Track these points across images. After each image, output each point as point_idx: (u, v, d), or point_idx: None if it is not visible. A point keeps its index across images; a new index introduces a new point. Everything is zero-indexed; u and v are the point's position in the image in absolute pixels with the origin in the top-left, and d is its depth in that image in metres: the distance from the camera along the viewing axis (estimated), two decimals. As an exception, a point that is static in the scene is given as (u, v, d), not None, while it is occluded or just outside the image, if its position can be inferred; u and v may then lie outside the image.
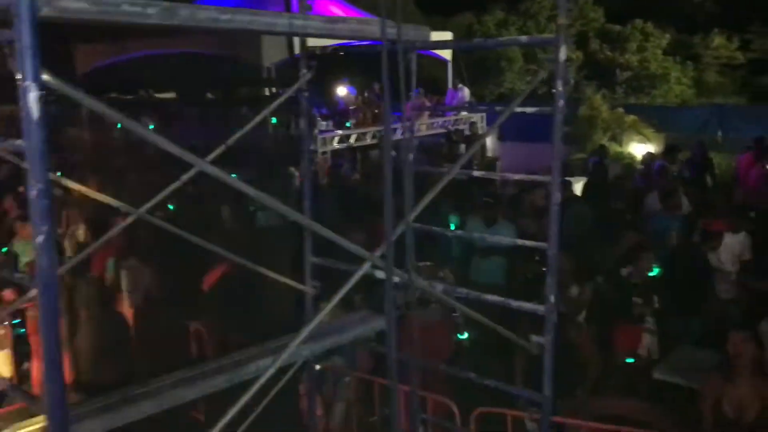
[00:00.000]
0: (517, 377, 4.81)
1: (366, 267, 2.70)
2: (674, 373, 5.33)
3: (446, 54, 17.01)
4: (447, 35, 16.86)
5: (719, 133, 16.74)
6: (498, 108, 13.44)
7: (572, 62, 25.44)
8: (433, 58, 17.20)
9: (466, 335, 5.84)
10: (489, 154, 17.75)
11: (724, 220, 7.05)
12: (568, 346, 4.72)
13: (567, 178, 10.16)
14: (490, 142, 18.30)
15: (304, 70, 3.26)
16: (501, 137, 18.66)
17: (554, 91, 3.00)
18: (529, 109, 3.27)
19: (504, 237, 5.57)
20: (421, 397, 4.17)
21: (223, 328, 5.61)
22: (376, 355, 4.96)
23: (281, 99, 3.45)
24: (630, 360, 5.82)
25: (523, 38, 3.27)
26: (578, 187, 11.03)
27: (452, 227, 7.59)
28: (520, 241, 3.67)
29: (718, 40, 26.67)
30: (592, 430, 4.04)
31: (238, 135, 3.20)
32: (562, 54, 2.95)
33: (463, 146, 14.97)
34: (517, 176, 4.28)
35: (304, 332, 2.58)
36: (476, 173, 5.76)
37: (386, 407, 4.62)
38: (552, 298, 3.11)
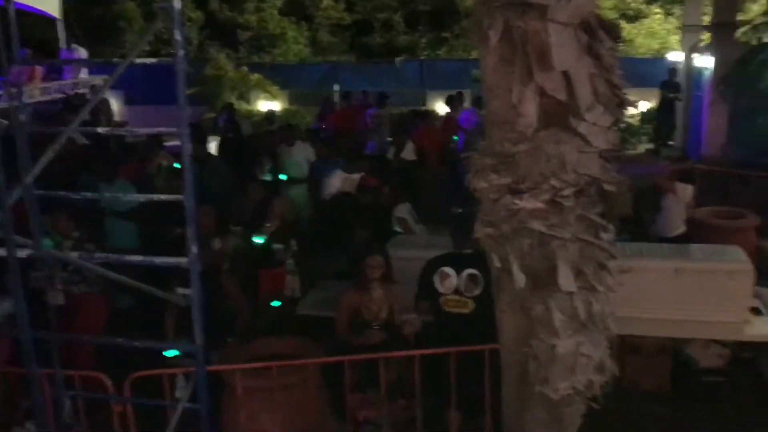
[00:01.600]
0: (169, 333, 4.79)
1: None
2: (315, 306, 5.83)
3: (55, 11, 15.47)
4: (50, -9, 15.32)
5: (336, 87, 18.25)
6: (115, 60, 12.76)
7: (193, 22, 25.19)
8: (39, 15, 15.52)
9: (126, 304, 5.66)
10: (116, 118, 16.84)
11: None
12: (218, 297, 4.85)
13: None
14: (116, 106, 17.34)
15: None
16: (128, 101, 17.82)
17: (173, 40, 2.97)
18: (148, 60, 3.19)
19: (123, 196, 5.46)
20: (68, 376, 3.90)
21: None
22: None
23: None
24: (276, 303, 6.20)
25: None
26: (213, 147, 11.16)
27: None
28: (142, 196, 3.60)
29: (326, 1, 28.73)
30: (245, 373, 4.22)
31: None
32: (177, 2, 2.93)
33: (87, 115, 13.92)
34: (144, 130, 4.17)
35: None
36: (101, 130, 5.40)
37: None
38: (194, 249, 3.15)
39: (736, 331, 5.58)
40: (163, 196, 3.38)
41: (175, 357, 4.60)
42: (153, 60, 3.24)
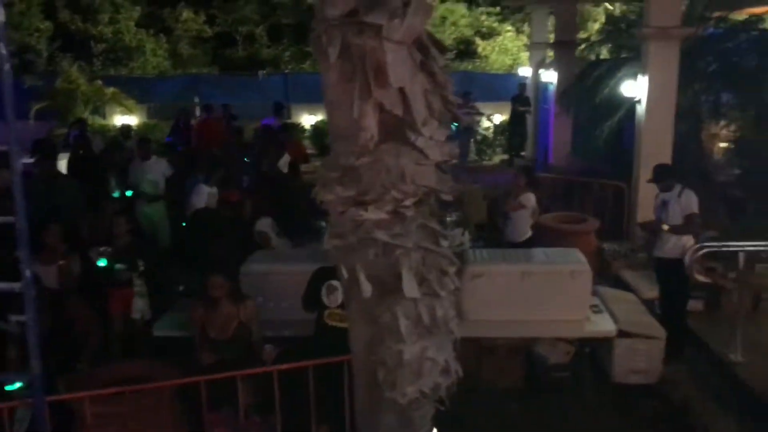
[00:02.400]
0: (10, 365, 4.50)
1: None
2: (172, 326, 5.68)
3: None
4: None
5: (196, 100, 17.85)
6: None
7: (42, 33, 23.81)
8: None
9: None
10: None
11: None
12: (64, 321, 4.62)
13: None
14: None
15: None
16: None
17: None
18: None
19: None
20: None
21: None
22: None
23: None
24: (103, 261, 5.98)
25: None
26: (64, 163, 10.58)
27: None
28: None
29: (186, 14, 28.06)
30: (94, 400, 4.04)
31: None
32: (1, 15, 2.80)
33: None
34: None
35: None
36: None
37: None
38: (27, 273, 3.00)
39: (578, 328, 6.00)
40: (-8, 219, 3.19)
41: (20, 389, 4.33)
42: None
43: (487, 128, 16.97)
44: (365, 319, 3.24)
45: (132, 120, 16.80)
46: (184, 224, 7.92)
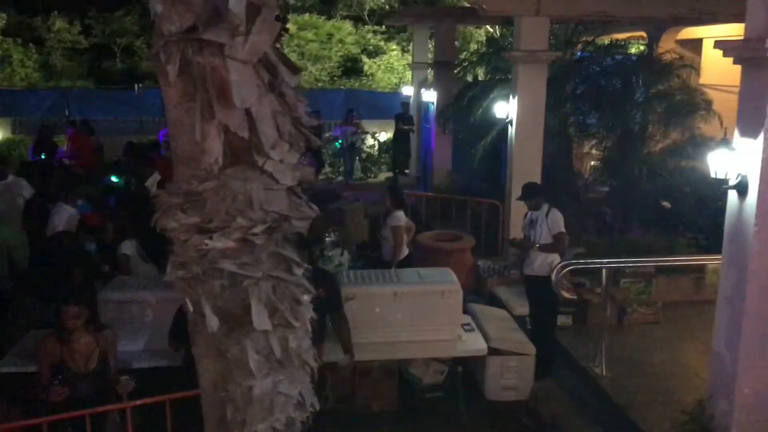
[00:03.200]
0: None
1: None
2: (19, 361, 5.23)
3: None
4: None
5: (68, 114, 16.93)
6: None
7: None
8: None
9: None
10: None
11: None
12: None
13: None
14: None
15: None
16: None
17: None
18: None
19: None
20: None
21: None
22: None
23: None
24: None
25: None
26: None
27: None
28: None
29: (59, 23, 26.67)
30: None
31: None
32: None
33: None
34: None
35: None
36: None
37: None
38: None
39: (450, 348, 6.01)
40: None
41: None
42: None
43: (372, 146, 17.03)
44: (213, 354, 3.05)
45: (-3, 134, 15.73)
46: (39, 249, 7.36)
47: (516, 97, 8.80)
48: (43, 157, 11.85)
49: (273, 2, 2.84)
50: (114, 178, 9.17)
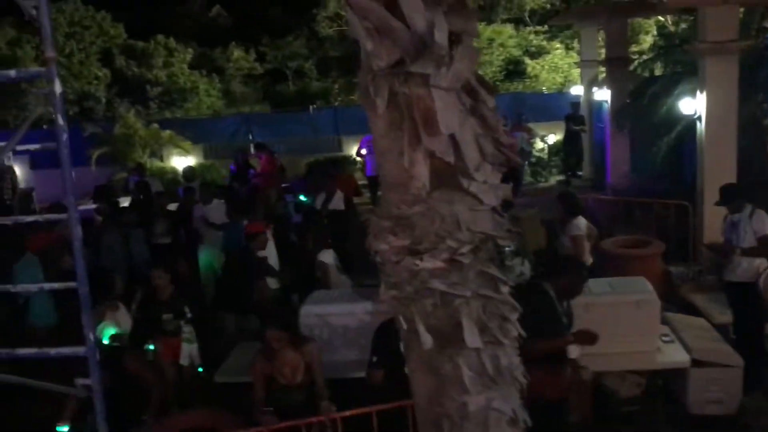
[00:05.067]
0: (65, 418, 4.55)
1: None
2: (235, 372, 5.68)
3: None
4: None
5: (250, 138, 18.18)
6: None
7: (101, 80, 24.74)
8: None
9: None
10: (22, 185, 16.25)
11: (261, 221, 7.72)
12: (122, 379, 4.69)
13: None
14: (20, 172, 16.75)
15: None
16: (34, 165, 17.23)
17: (56, 125, 2.89)
18: (31, 147, 3.08)
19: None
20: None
21: None
22: None
23: None
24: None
25: (12, 72, 3.10)
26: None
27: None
28: (45, 286, 3.46)
29: (237, 53, 28.78)
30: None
31: None
32: (57, 87, 2.86)
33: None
34: (30, 218, 4.00)
35: None
36: None
37: None
38: (91, 337, 3.03)
39: (649, 360, 5.76)
40: (56, 285, 3.25)
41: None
42: (36, 146, 3.11)
43: (541, 149, 16.71)
44: (426, 370, 3.15)
45: (189, 161, 17.20)
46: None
47: (704, 92, 8.27)
48: (231, 183, 12.81)
49: (473, 29, 2.93)
50: (302, 197, 9.73)
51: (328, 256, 7.13)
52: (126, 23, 26.90)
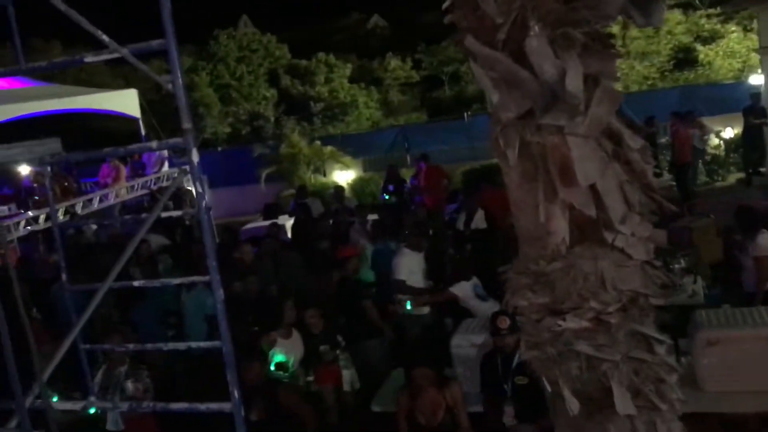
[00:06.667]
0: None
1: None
2: (388, 403, 5.67)
3: (134, 111, 16.39)
4: (132, 93, 16.28)
5: (406, 146, 18.39)
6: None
7: (268, 100, 26.21)
8: (122, 117, 16.53)
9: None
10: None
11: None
12: (282, 409, 4.83)
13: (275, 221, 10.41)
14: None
15: None
16: (210, 185, 18.53)
17: (196, 192, 2.99)
18: (174, 213, 3.21)
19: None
20: None
21: None
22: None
23: None
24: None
25: (154, 144, 3.35)
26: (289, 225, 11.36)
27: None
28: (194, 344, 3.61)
29: (393, 62, 29.32)
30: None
31: None
32: (195, 157, 2.95)
33: (170, 203, 14.47)
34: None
35: None
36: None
37: None
38: (236, 394, 3.10)
39: None
40: (203, 343, 3.37)
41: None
42: (178, 213, 3.23)
43: (717, 146, 15.35)
44: (574, 435, 2.94)
45: (349, 175, 17.71)
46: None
47: None
48: (387, 197, 12.95)
49: (612, 69, 2.67)
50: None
51: (462, 288, 6.89)
52: (289, 43, 28.31)
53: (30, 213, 11.98)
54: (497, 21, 2.54)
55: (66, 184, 13.48)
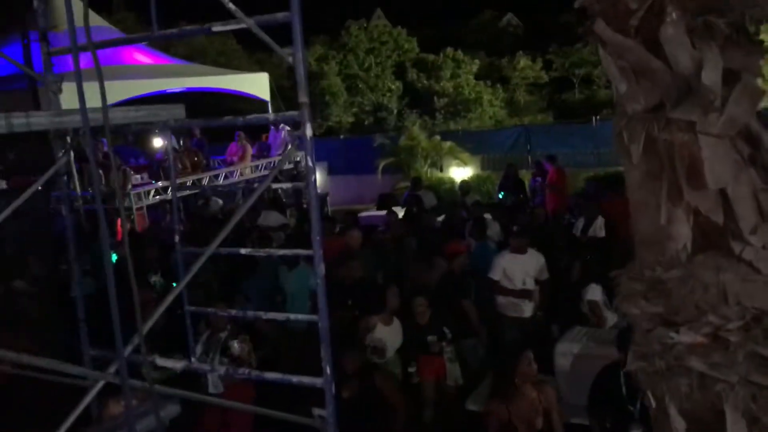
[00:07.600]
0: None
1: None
2: (479, 401, 5.55)
3: (265, 94, 16.95)
4: (264, 77, 16.82)
5: (528, 148, 17.98)
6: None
7: (393, 92, 26.44)
8: (252, 99, 17.11)
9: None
10: (319, 190, 17.83)
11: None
12: (375, 394, 4.81)
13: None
14: (320, 177, 18.41)
15: (60, 154, 3.08)
16: (331, 171, 18.93)
17: (306, 166, 3.01)
18: (284, 185, 3.25)
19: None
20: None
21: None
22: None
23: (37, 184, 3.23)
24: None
25: (270, 115, 3.43)
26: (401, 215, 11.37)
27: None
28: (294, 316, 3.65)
29: (523, 62, 28.79)
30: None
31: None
32: (308, 131, 2.97)
33: (289, 185, 14.88)
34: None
35: None
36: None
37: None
38: (328, 370, 3.11)
39: None
40: (302, 316, 3.41)
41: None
42: (288, 184, 3.27)
43: None
44: (679, 457, 2.73)
45: (467, 171, 17.52)
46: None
47: None
48: (502, 195, 12.72)
49: (754, 65, 2.44)
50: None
51: (596, 293, 6.56)
52: (418, 36, 28.42)
53: (159, 183, 12.66)
54: (631, 6, 2.39)
55: (196, 158, 14.12)
